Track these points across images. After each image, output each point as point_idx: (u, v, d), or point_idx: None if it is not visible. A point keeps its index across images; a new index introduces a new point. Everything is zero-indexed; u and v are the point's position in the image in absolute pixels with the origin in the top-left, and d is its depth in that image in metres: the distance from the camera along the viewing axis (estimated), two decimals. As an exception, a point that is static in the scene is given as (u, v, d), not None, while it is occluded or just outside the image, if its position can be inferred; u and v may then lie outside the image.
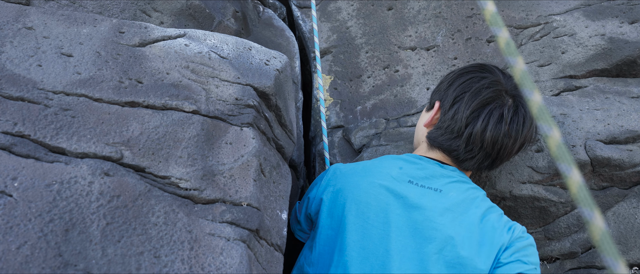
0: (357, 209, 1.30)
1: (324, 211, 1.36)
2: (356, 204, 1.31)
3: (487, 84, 1.34)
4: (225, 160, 1.09)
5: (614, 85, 1.73)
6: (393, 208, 1.28)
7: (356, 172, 1.39)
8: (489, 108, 1.31)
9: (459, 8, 2.00)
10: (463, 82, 1.37)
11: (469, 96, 1.33)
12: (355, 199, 1.32)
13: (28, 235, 0.81)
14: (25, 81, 1.01)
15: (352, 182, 1.36)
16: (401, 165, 1.37)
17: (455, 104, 1.35)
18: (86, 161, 0.94)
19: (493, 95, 1.32)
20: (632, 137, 1.55)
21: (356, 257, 1.25)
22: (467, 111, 1.31)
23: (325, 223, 1.35)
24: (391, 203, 1.29)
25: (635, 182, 1.57)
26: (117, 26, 1.19)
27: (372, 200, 1.30)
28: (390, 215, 1.27)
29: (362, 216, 1.29)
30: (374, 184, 1.32)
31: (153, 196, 0.96)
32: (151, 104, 1.08)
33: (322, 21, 2.13)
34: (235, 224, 1.01)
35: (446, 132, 1.36)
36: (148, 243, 0.89)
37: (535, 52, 1.84)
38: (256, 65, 1.27)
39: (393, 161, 1.40)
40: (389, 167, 1.37)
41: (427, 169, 1.35)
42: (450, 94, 1.38)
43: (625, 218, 1.55)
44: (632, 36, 1.76)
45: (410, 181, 1.32)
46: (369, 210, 1.29)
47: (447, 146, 1.36)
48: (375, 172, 1.36)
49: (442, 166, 1.37)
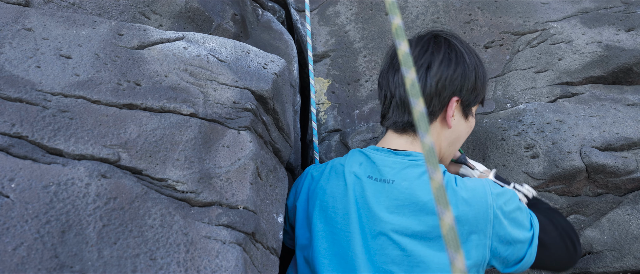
0: (325, 216, 1.30)
1: (298, 220, 1.37)
2: (323, 210, 1.30)
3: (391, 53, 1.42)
4: (222, 163, 1.09)
5: (610, 92, 1.74)
6: (353, 208, 1.27)
7: (324, 174, 1.39)
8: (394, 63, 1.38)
9: (456, 14, 2.01)
10: None
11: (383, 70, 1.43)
12: (322, 205, 1.31)
13: (24, 236, 0.81)
14: (24, 82, 1.01)
15: (320, 186, 1.35)
16: (361, 160, 1.35)
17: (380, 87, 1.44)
18: (83, 162, 0.94)
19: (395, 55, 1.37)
20: (628, 145, 1.56)
21: (328, 264, 1.25)
22: (383, 80, 1.40)
23: (300, 233, 1.35)
24: (352, 204, 1.27)
25: (630, 189, 1.58)
26: (116, 28, 1.19)
27: (338, 203, 1.29)
28: (352, 216, 1.26)
29: (330, 222, 1.29)
30: (338, 185, 1.32)
31: (150, 198, 0.96)
32: (149, 107, 1.08)
33: (321, 25, 2.14)
34: (231, 227, 1.01)
35: (385, 108, 1.40)
36: (144, 245, 0.90)
37: (532, 59, 1.85)
38: (254, 68, 1.27)
39: (356, 156, 1.37)
40: (352, 164, 1.35)
41: (381, 161, 1.32)
42: None
43: (619, 225, 1.56)
44: (629, 44, 1.77)
45: (369, 176, 1.30)
46: (336, 214, 1.28)
47: (393, 119, 1.36)
48: (340, 172, 1.35)
49: (395, 153, 1.33)
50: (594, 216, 1.61)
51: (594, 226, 1.59)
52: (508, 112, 1.72)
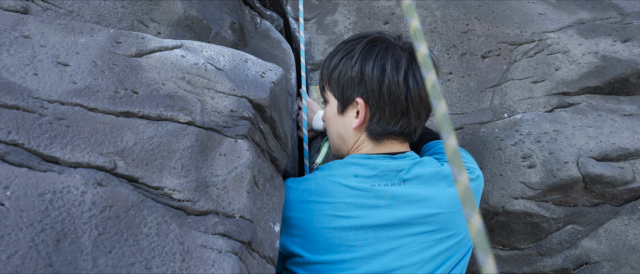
0: (333, 231, 1.27)
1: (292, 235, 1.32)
2: (329, 225, 1.28)
3: (385, 48, 1.34)
4: (219, 171, 1.09)
5: (607, 102, 1.75)
6: (365, 220, 1.26)
7: (312, 193, 1.33)
8: (402, 67, 1.31)
9: (454, 24, 2.02)
10: (374, 62, 1.33)
11: (389, 68, 1.30)
12: (326, 220, 1.28)
13: (19, 244, 0.81)
14: (21, 89, 1.01)
15: (315, 203, 1.31)
16: (357, 172, 1.32)
17: (381, 86, 1.31)
18: (79, 170, 0.94)
19: (392, 53, 1.32)
20: (624, 155, 1.56)
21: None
22: (396, 78, 1.30)
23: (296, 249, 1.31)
24: (361, 216, 1.27)
25: (627, 200, 1.58)
26: (114, 36, 1.19)
27: (343, 221, 1.27)
28: (363, 226, 1.27)
29: (340, 237, 1.27)
30: (338, 201, 1.29)
31: (146, 206, 0.96)
32: (146, 115, 1.08)
33: (319, 34, 2.15)
34: (227, 236, 1.01)
35: (391, 115, 1.33)
36: (139, 254, 0.89)
37: (529, 69, 1.86)
38: (252, 77, 1.27)
39: (348, 168, 1.34)
40: (346, 177, 1.32)
41: (384, 166, 1.32)
42: (369, 83, 1.32)
43: (617, 235, 1.56)
44: (625, 55, 1.78)
45: (372, 184, 1.29)
46: (344, 231, 1.27)
47: (399, 127, 1.34)
48: (334, 188, 1.31)
49: (393, 157, 1.34)
50: (591, 226, 1.61)
51: (591, 237, 1.59)
52: (505, 121, 1.73)
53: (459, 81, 1.90)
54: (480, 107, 1.82)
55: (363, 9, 2.18)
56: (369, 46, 1.35)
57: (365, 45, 1.35)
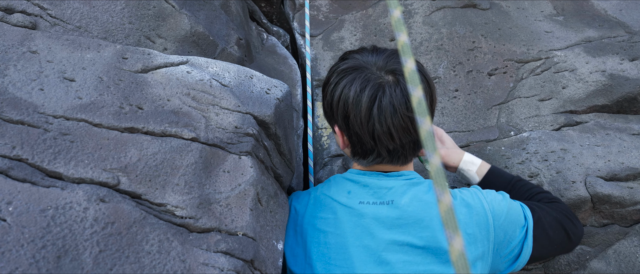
0: (318, 253, 1.26)
1: (287, 258, 1.32)
2: (316, 247, 1.27)
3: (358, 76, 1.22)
4: (222, 188, 1.09)
5: (615, 121, 1.73)
6: (350, 240, 1.23)
7: (308, 207, 1.33)
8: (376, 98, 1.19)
9: (460, 41, 2.02)
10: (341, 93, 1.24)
11: (351, 101, 1.21)
12: (312, 241, 1.28)
13: (19, 261, 0.80)
14: (27, 104, 1.01)
15: (306, 221, 1.31)
16: (349, 188, 1.31)
17: (347, 119, 1.24)
18: (82, 186, 0.94)
19: (372, 85, 1.21)
20: (633, 175, 1.54)
21: None
22: (359, 117, 1.21)
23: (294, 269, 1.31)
24: (347, 236, 1.24)
25: (636, 221, 1.55)
26: (120, 52, 1.20)
27: (330, 239, 1.26)
28: (350, 249, 1.23)
29: (324, 258, 1.25)
30: (327, 219, 1.28)
31: (148, 223, 0.95)
32: (150, 131, 1.08)
33: (325, 50, 2.15)
34: (229, 254, 1.00)
35: (363, 147, 1.26)
36: (140, 272, 0.88)
37: (536, 87, 1.85)
38: (257, 94, 1.27)
39: (342, 184, 1.33)
40: (339, 193, 1.31)
41: (375, 184, 1.29)
42: (336, 112, 1.26)
43: (626, 257, 1.53)
44: (633, 73, 1.77)
45: (361, 202, 1.26)
46: (329, 250, 1.25)
47: (378, 157, 1.27)
48: (327, 204, 1.30)
49: (387, 175, 1.30)
50: (599, 247, 1.58)
51: (600, 258, 1.56)
52: (512, 140, 1.71)
53: (465, 98, 1.89)
54: (487, 125, 1.80)
55: (369, 25, 2.18)
56: (341, 74, 1.26)
57: (340, 73, 1.27)
